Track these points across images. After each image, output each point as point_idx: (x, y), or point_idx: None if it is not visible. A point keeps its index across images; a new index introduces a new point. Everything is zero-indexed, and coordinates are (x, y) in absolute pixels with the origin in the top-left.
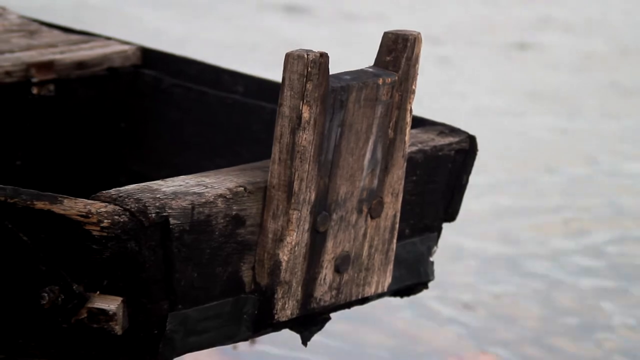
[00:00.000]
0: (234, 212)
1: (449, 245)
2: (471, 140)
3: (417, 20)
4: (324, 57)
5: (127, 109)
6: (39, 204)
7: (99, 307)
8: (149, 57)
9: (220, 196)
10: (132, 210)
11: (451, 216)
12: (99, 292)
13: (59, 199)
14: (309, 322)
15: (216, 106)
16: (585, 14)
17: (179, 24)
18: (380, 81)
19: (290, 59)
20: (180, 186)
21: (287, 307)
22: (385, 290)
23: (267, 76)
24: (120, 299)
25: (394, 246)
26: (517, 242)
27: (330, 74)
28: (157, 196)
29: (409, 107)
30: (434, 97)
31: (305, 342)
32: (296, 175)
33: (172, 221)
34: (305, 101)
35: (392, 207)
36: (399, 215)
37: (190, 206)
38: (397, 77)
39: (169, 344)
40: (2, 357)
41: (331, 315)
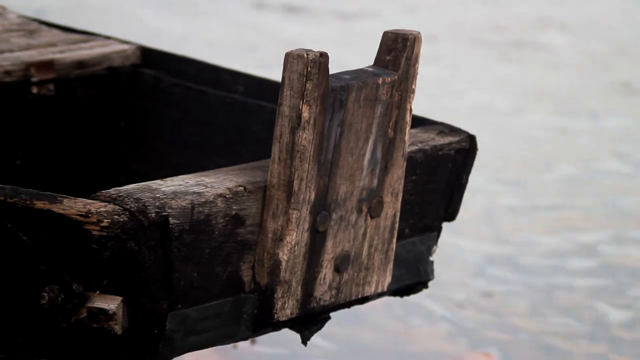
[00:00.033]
0: (234, 212)
1: (442, 243)
2: (471, 139)
3: (417, 20)
4: (324, 57)
5: (127, 108)
6: (39, 204)
7: (98, 306)
8: (149, 57)
9: (220, 196)
10: (132, 209)
11: (451, 216)
12: (98, 292)
13: (59, 199)
14: (308, 322)
15: (216, 106)
16: (585, 14)
17: (172, 23)
18: (380, 81)
19: (290, 59)
20: (180, 186)
21: (286, 306)
22: (385, 289)
23: (261, 75)
24: (120, 299)
25: (394, 246)
26: (511, 241)
27: (329, 73)
28: (157, 196)
29: (409, 107)
30: (434, 96)
31: (305, 341)
32: (296, 174)
33: (171, 221)
34: (305, 101)
35: (391, 206)
36: (398, 214)
37: (190, 206)
38: (396, 77)
39: (168, 344)
40: (2, 356)
41: (330, 314)
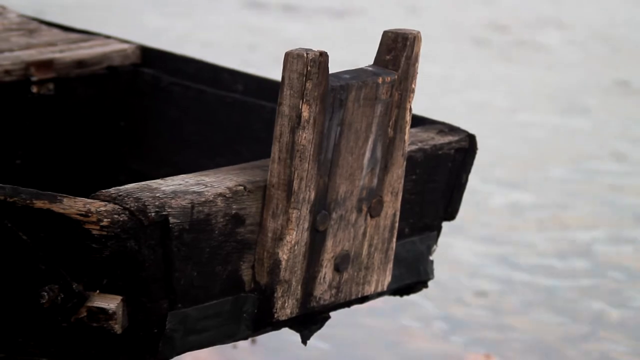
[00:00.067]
0: (234, 211)
1: (439, 243)
2: (471, 139)
3: (417, 19)
4: (324, 56)
5: (127, 107)
6: (39, 203)
7: (98, 306)
8: (149, 56)
9: (219, 195)
10: (132, 209)
11: (451, 215)
12: (98, 291)
13: (59, 198)
14: (308, 321)
15: (216, 105)
16: (585, 14)
17: (167, 22)
18: (379, 80)
19: (289, 58)
20: (179, 185)
21: (286, 306)
22: (384, 289)
23: (254, 72)
24: (119, 298)
25: (394, 245)
26: (507, 240)
27: (329, 72)
28: (157, 195)
29: (409, 106)
30: (433, 95)
31: (305, 340)
32: (296, 174)
33: (171, 220)
34: (304, 100)
35: (391, 206)
36: (398, 214)
37: (189, 205)
38: (396, 76)
39: (168, 343)
40: (1, 355)
41: (330, 314)
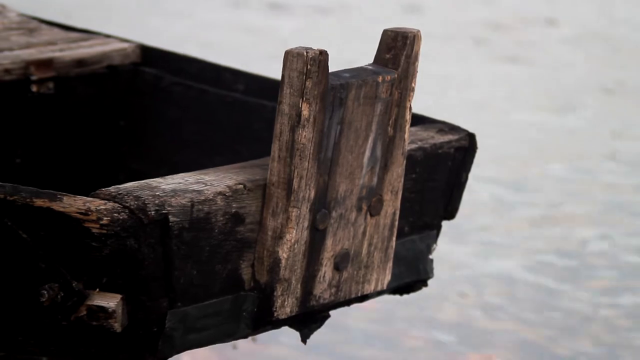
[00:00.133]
0: (234, 210)
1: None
2: (471, 137)
3: (417, 18)
4: (324, 55)
5: (127, 107)
6: (39, 202)
7: (98, 304)
8: (149, 55)
9: (219, 194)
10: (132, 207)
11: (451, 214)
12: (98, 290)
13: (59, 197)
14: (308, 320)
15: (216, 104)
16: (585, 14)
17: (150, 20)
18: (379, 79)
19: (289, 57)
20: (179, 184)
21: (286, 304)
22: (384, 287)
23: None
24: (119, 297)
25: (394, 244)
26: (505, 238)
27: (329, 71)
28: (157, 194)
29: (409, 105)
30: (433, 94)
31: (304, 339)
32: (296, 172)
33: (171, 219)
34: (304, 99)
35: (391, 204)
36: (398, 212)
37: (189, 204)
38: (396, 75)
39: (168, 342)
40: (1, 354)
41: (330, 313)
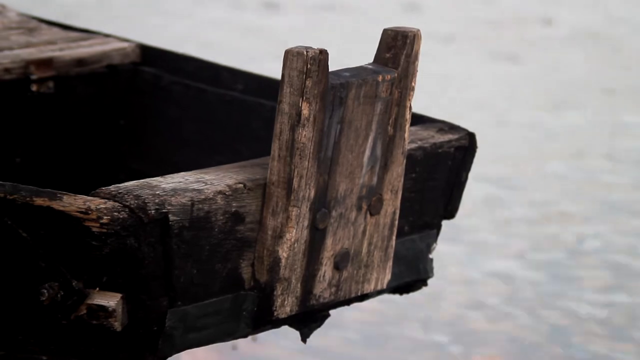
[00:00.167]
0: (234, 209)
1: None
2: (470, 137)
3: (416, 17)
4: (324, 54)
5: (126, 106)
6: (39, 201)
7: (98, 303)
8: (148, 55)
9: (219, 193)
10: (132, 206)
11: (450, 213)
12: (98, 289)
13: (59, 196)
14: (308, 319)
15: (215, 104)
16: (586, 13)
17: (148, 20)
18: (379, 78)
19: (289, 56)
20: (179, 183)
21: (286, 303)
22: (384, 287)
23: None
24: (119, 296)
25: (393, 243)
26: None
27: (329, 70)
28: (157, 193)
29: (409, 104)
30: (433, 93)
31: (304, 339)
32: (296, 172)
33: (171, 218)
34: (304, 98)
35: (391, 204)
36: (398, 212)
37: (189, 203)
38: (396, 74)
39: (168, 341)
40: (1, 353)
41: (330, 312)
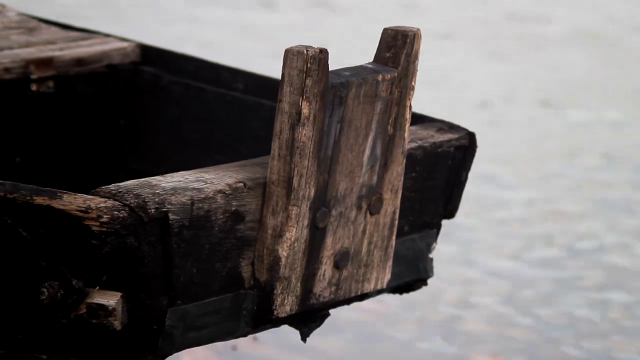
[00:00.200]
0: (234, 208)
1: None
2: (470, 136)
3: (416, 17)
4: (324, 53)
5: (126, 106)
6: (39, 199)
7: (98, 302)
8: (148, 54)
9: (219, 192)
10: (132, 205)
11: (450, 213)
12: (98, 288)
13: (59, 194)
14: (308, 318)
15: (215, 103)
16: (586, 13)
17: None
18: (379, 77)
19: (289, 55)
20: (179, 182)
21: (286, 303)
22: (384, 286)
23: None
24: (119, 295)
25: (393, 243)
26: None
27: (329, 70)
28: (157, 192)
29: (409, 104)
30: (433, 92)
31: (304, 338)
32: (296, 171)
33: (171, 217)
34: (304, 97)
35: (391, 203)
36: (398, 211)
37: (189, 202)
38: (396, 74)
39: (168, 340)
40: (1, 352)
41: (330, 311)
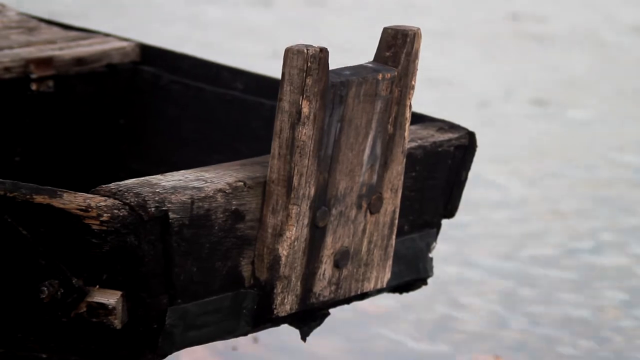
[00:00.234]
0: (234, 207)
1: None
2: (470, 136)
3: (416, 16)
4: (324, 52)
5: (126, 105)
6: (39, 198)
7: (98, 301)
8: (148, 54)
9: (219, 191)
10: (132, 204)
11: (450, 212)
12: (98, 286)
13: (59, 193)
14: (308, 318)
15: (215, 103)
16: (586, 13)
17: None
18: (379, 76)
19: (290, 54)
20: (179, 181)
21: (286, 302)
22: (384, 285)
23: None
24: (119, 293)
25: (393, 242)
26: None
27: (329, 69)
28: (157, 190)
29: (409, 103)
30: (433, 92)
31: (304, 337)
32: (296, 170)
33: (171, 215)
34: (305, 96)
35: (391, 202)
36: (398, 211)
37: (189, 201)
38: (396, 73)
39: (168, 339)
40: (1, 351)
41: (330, 311)
